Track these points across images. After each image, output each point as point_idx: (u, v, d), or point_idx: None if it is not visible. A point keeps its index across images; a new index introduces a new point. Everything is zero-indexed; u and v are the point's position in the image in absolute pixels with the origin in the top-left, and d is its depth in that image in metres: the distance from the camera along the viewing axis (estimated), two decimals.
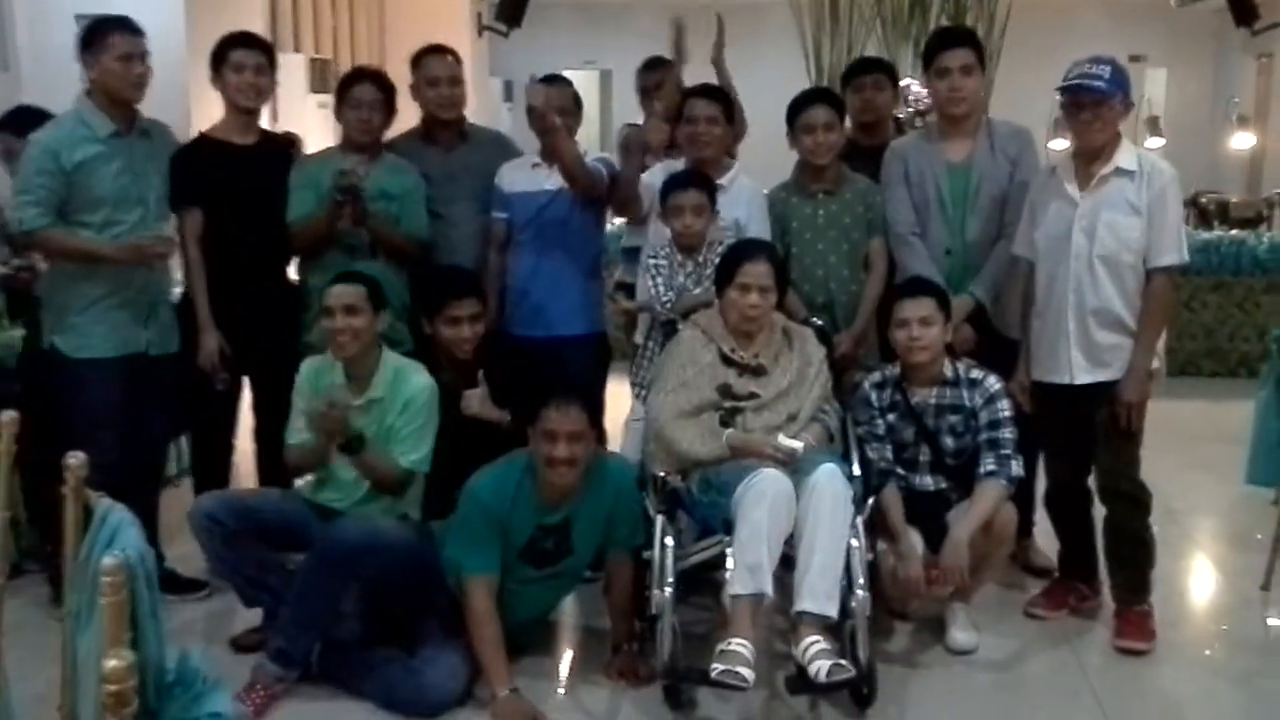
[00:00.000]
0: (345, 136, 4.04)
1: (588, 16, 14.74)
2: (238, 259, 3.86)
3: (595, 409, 3.45)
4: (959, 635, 3.57)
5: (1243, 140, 10.51)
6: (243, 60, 3.85)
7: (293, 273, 4.11)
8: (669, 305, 3.71)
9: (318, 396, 3.42)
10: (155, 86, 3.75)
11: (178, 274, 4.00)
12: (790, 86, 4.30)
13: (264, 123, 4.12)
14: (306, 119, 8.17)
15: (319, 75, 8.94)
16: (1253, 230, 7.86)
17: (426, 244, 4.05)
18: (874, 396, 3.59)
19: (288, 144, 4.12)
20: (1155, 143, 9.36)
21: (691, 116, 3.90)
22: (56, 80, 3.70)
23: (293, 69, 8.52)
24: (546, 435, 3.16)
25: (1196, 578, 4.27)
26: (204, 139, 3.94)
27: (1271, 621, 3.80)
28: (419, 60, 4.18)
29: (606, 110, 13.91)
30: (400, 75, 4.19)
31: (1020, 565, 4.09)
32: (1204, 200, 9.35)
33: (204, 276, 3.87)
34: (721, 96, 3.94)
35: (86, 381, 3.66)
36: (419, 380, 3.47)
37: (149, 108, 3.77)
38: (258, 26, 7.45)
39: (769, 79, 3.98)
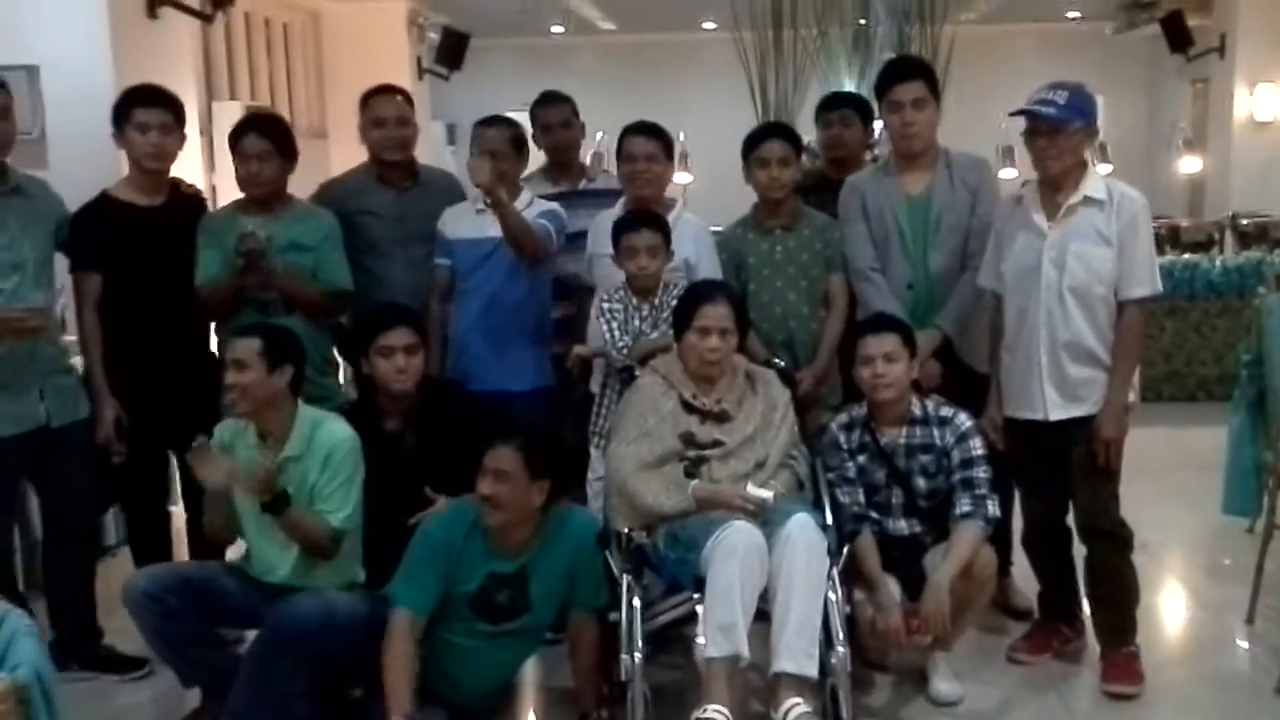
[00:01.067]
0: (241, 190, 3.83)
1: (528, 57, 14.69)
2: (147, 326, 3.65)
3: (548, 456, 3.17)
4: (942, 686, 3.42)
5: (1190, 164, 10.57)
6: (146, 120, 3.63)
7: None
8: (624, 351, 3.56)
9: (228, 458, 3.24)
10: (82, 139, 3.55)
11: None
12: (737, 121, 4.22)
13: (195, 174, 3.91)
14: None
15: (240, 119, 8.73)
16: (1205, 254, 7.86)
17: (348, 292, 3.84)
18: (842, 438, 3.45)
19: (196, 201, 3.91)
20: (1104, 169, 9.38)
21: (630, 154, 3.78)
22: None
23: (229, 116, 8.30)
24: (480, 471, 3.03)
25: (1179, 613, 4.17)
26: (106, 199, 3.70)
27: (1258, 656, 3.68)
28: (366, 101, 4.06)
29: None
30: (341, 119, 4.05)
31: (999, 607, 3.94)
32: (1156, 226, 9.35)
33: (99, 345, 3.64)
34: (659, 133, 3.82)
35: None
36: (338, 432, 3.26)
37: (76, 162, 3.57)
38: (190, 74, 7.25)
39: (715, 115, 3.89)
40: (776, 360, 3.62)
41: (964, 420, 3.43)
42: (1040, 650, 3.64)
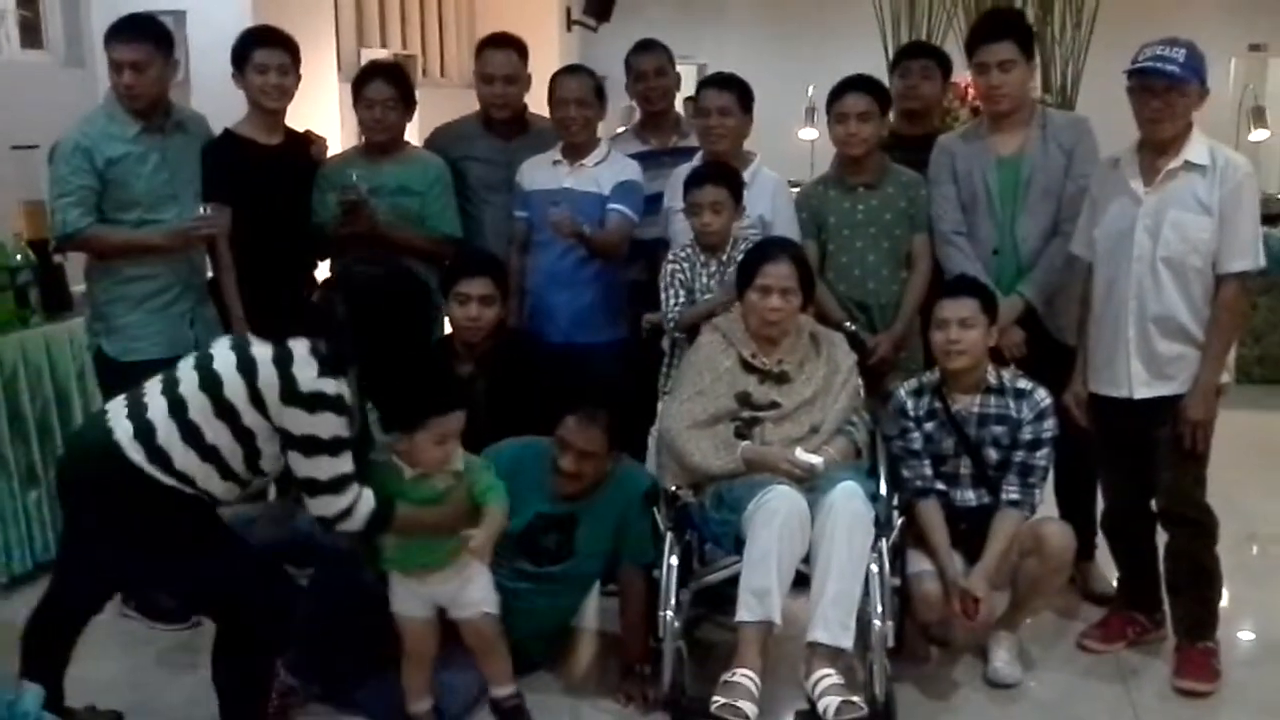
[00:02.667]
0: (362, 135, 3.93)
1: (683, 9, 14.54)
2: (264, 261, 3.76)
3: (621, 421, 3.22)
4: (1001, 667, 3.30)
5: None
6: (265, 60, 3.73)
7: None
8: (673, 323, 3.54)
9: None
10: (223, 80, 3.68)
11: None
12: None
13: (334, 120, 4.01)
14: None
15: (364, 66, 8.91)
16: None
17: (459, 239, 3.92)
18: (910, 404, 3.33)
19: (308, 143, 4.01)
20: (1260, 135, 8.83)
21: (703, 108, 3.69)
22: None
23: None
24: (560, 441, 3.07)
25: (1276, 611, 3.88)
26: (230, 136, 3.84)
27: None
28: (480, 51, 4.10)
29: None
30: None
31: (1080, 591, 3.79)
32: None
33: (234, 275, 3.77)
34: (735, 84, 3.71)
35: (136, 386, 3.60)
36: None
37: (219, 107, 3.70)
38: (332, 21, 7.42)
39: (849, 67, 3.75)
40: (848, 324, 3.52)
41: (1043, 396, 3.28)
42: (1114, 639, 3.48)
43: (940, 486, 3.32)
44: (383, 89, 3.82)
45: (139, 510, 2.63)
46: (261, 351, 2.65)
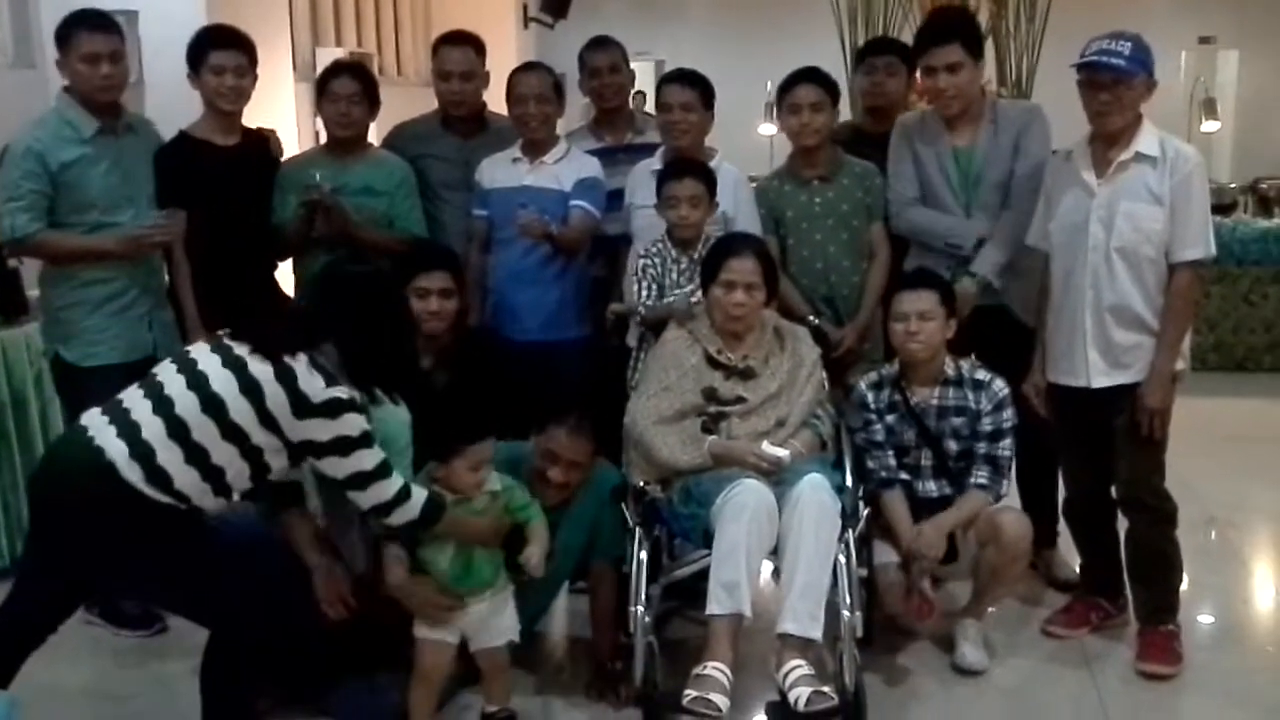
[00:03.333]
0: (327, 133, 3.90)
1: (640, 6, 14.57)
2: (222, 263, 3.72)
3: (598, 426, 3.25)
4: (969, 653, 3.34)
5: None
6: (222, 62, 3.69)
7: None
8: (640, 315, 3.55)
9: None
10: (176, 83, 3.64)
11: None
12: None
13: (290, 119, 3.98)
14: None
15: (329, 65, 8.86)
16: None
17: (423, 239, 3.91)
18: (870, 398, 3.37)
19: (265, 141, 3.99)
20: (1211, 126, 8.97)
21: (666, 104, 3.70)
22: None
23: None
24: (547, 454, 3.10)
25: (1236, 594, 3.98)
26: (185, 138, 3.80)
27: None
28: (436, 49, 4.09)
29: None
30: None
31: (1043, 578, 3.84)
32: (1264, 187, 8.91)
33: (189, 278, 3.74)
34: (696, 80, 3.72)
35: (96, 390, 3.52)
36: (398, 418, 3.14)
37: (170, 106, 3.67)
38: (287, 21, 7.36)
39: (807, 63, 3.77)
40: (811, 318, 3.55)
41: (1000, 386, 3.32)
42: (1077, 625, 3.53)
43: (904, 477, 3.35)
44: (348, 84, 3.82)
45: (134, 529, 2.59)
46: (262, 370, 2.62)
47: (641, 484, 3.19)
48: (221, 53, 3.70)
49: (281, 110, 6.83)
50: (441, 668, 3.02)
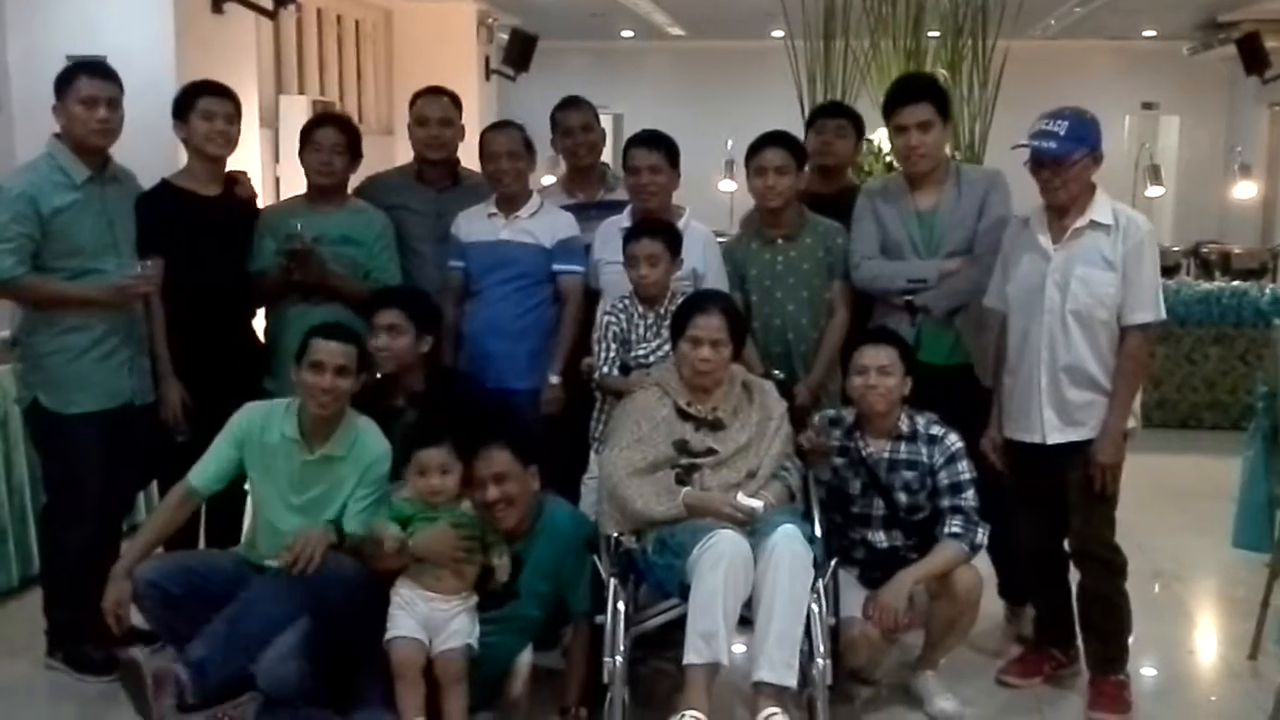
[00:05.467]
0: (308, 181, 3.98)
1: (598, 60, 14.80)
2: (200, 311, 3.78)
3: (529, 442, 3.32)
4: (942, 704, 3.43)
5: (1245, 190, 10.38)
6: (211, 108, 3.77)
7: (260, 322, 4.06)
8: (597, 380, 3.68)
9: (264, 446, 3.36)
10: (144, 132, 3.71)
11: None
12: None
13: (257, 166, 4.05)
14: None
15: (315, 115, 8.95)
16: (1256, 281, 7.73)
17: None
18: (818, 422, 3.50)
19: (249, 202, 4.04)
20: (1155, 191, 9.25)
21: (634, 166, 3.81)
22: (48, 121, 3.64)
23: (296, 110, 8.53)
24: (477, 483, 3.19)
25: (1181, 645, 4.11)
26: (167, 187, 3.85)
27: (1253, 693, 3.63)
28: (414, 101, 4.18)
29: (618, 154, 13.93)
30: (408, 117, 4.20)
31: (1015, 636, 3.95)
32: (1206, 250, 9.23)
33: (164, 327, 3.77)
34: (662, 143, 3.84)
35: (75, 437, 3.59)
36: (379, 446, 3.41)
37: (138, 152, 3.73)
38: (252, 68, 7.44)
39: (770, 123, 3.91)
40: (775, 373, 3.66)
41: (954, 441, 3.43)
42: (1030, 674, 3.64)
43: (856, 529, 3.46)
44: (331, 135, 3.90)
45: None
46: None
47: (616, 535, 3.26)
48: (211, 99, 3.78)
49: (246, 157, 6.89)
50: (415, 663, 3.13)
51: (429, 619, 3.17)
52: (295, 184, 5.31)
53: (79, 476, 3.60)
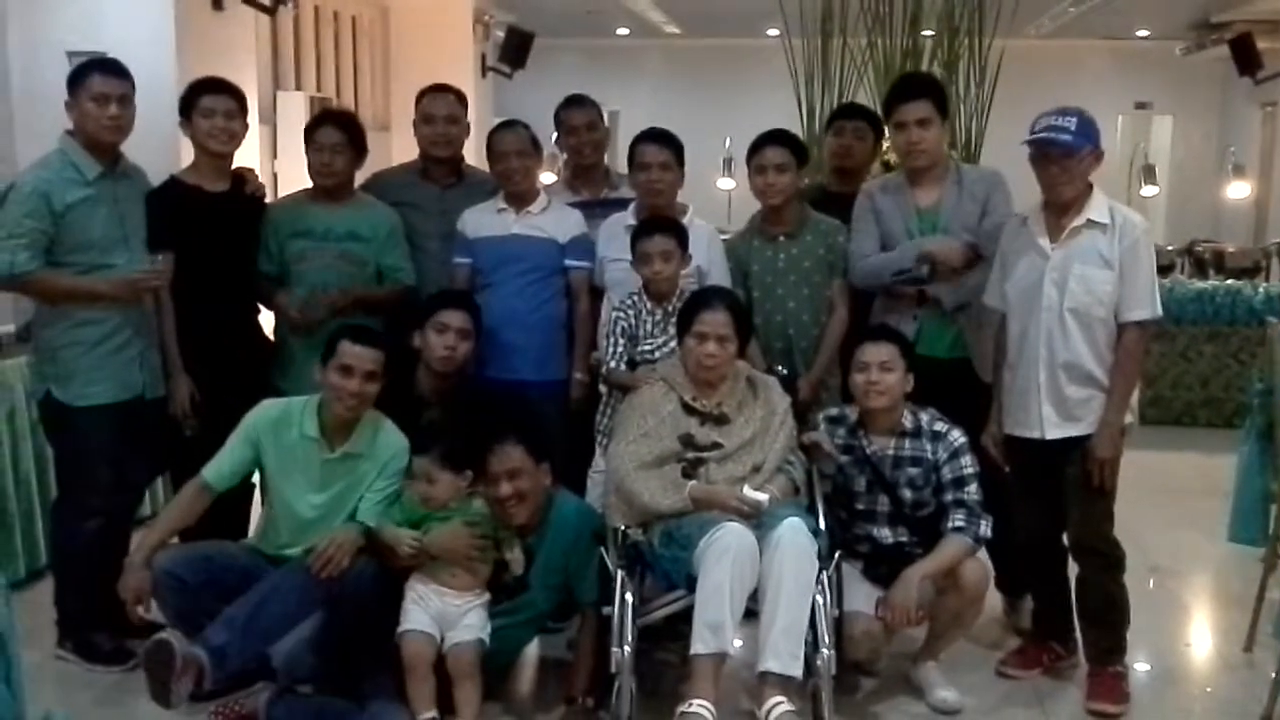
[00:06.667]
0: (311, 180, 4.02)
1: (594, 57, 14.85)
2: (208, 307, 3.82)
3: (547, 449, 3.38)
4: (943, 694, 3.48)
5: (1238, 190, 10.46)
6: (212, 105, 3.80)
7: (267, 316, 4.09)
8: (602, 376, 3.73)
9: (281, 445, 3.40)
10: (144, 127, 3.74)
11: None
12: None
13: (256, 161, 4.08)
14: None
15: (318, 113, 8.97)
16: (1249, 280, 7.80)
17: (412, 286, 4.02)
18: (825, 429, 3.54)
19: (258, 200, 4.07)
20: (1150, 191, 9.32)
21: (643, 163, 3.85)
22: (48, 116, 3.68)
23: (294, 106, 8.56)
24: (490, 479, 3.24)
25: (1178, 638, 4.17)
26: (175, 183, 3.89)
27: (1250, 684, 3.68)
28: (420, 98, 4.22)
29: (614, 151, 13.97)
30: (405, 113, 4.26)
31: (1012, 626, 4.01)
32: (1200, 249, 9.30)
33: (174, 321, 3.81)
34: (671, 140, 3.89)
35: (87, 429, 3.63)
36: (398, 442, 3.46)
37: (139, 147, 3.76)
38: (252, 65, 7.48)
39: (764, 123, 3.96)
40: (778, 368, 3.70)
41: (957, 436, 3.48)
42: (1030, 666, 3.69)
43: (859, 533, 3.51)
44: (332, 134, 3.93)
45: None
46: None
47: (623, 527, 3.31)
48: (211, 97, 3.82)
49: (245, 153, 6.92)
50: (425, 656, 3.18)
51: (442, 614, 3.22)
52: (294, 180, 5.34)
53: (90, 468, 3.64)
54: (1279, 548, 3.84)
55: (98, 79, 3.56)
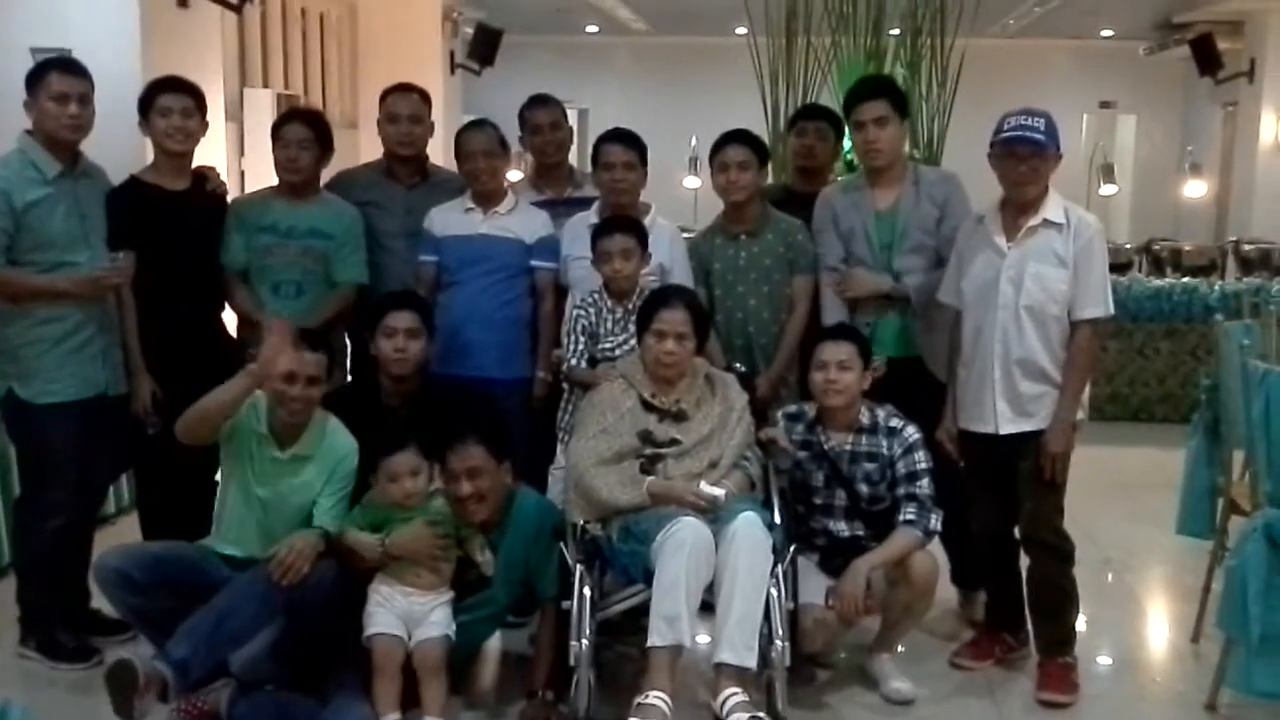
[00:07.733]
0: (278, 177, 4.04)
1: (563, 54, 14.87)
2: (169, 305, 3.83)
3: (508, 448, 3.41)
4: (897, 685, 3.54)
5: (1195, 189, 10.59)
6: (169, 104, 3.81)
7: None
8: (564, 372, 3.78)
9: (239, 428, 3.43)
10: (110, 125, 3.75)
11: None
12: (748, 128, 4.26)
13: (222, 158, 4.09)
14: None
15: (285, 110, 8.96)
16: (1205, 278, 7.92)
17: (366, 287, 4.05)
18: (783, 426, 3.59)
19: (218, 198, 4.08)
20: (1109, 190, 9.42)
21: (607, 162, 3.89)
22: (13, 112, 3.67)
23: (261, 103, 8.56)
24: (450, 478, 3.27)
25: (1129, 629, 4.25)
26: (135, 182, 3.89)
27: (1196, 674, 3.75)
28: (384, 97, 4.24)
29: (583, 149, 14.00)
30: (372, 110, 4.27)
31: (965, 618, 4.08)
32: (1158, 248, 9.42)
33: (135, 320, 3.83)
34: (634, 140, 3.93)
35: (50, 426, 3.64)
36: (346, 443, 3.48)
37: (103, 145, 3.77)
38: (218, 62, 7.47)
39: (729, 122, 4.02)
40: (737, 365, 3.76)
41: (912, 433, 3.55)
42: (983, 657, 3.76)
43: (816, 526, 3.57)
44: (299, 131, 3.96)
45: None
46: None
47: (582, 523, 3.35)
48: (168, 95, 3.83)
49: (211, 150, 6.93)
50: (395, 658, 3.22)
51: (408, 613, 3.25)
52: (261, 177, 5.33)
53: (53, 466, 3.65)
54: (1225, 540, 3.92)
55: (57, 78, 3.56)
